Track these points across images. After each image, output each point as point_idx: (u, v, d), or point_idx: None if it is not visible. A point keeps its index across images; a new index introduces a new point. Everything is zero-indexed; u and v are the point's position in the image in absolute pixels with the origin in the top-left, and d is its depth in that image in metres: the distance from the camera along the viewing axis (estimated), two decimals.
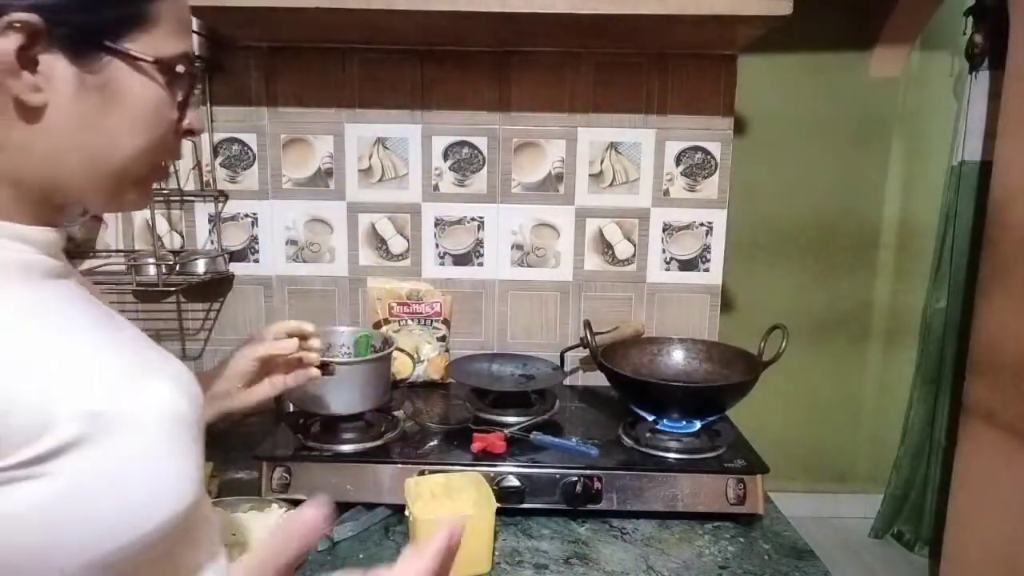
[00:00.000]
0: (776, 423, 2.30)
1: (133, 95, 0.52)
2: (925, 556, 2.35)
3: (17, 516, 0.44)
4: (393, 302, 1.38)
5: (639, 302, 1.45)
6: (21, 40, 0.47)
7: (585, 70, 1.37)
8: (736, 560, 0.91)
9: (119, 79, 0.51)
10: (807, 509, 2.42)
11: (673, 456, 1.04)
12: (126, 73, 0.51)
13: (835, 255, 2.47)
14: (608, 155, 1.40)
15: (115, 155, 0.53)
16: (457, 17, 1.10)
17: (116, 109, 0.51)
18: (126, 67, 0.51)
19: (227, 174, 1.40)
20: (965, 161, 2.20)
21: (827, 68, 2.34)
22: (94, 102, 0.51)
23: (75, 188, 0.53)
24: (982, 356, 1.80)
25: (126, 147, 0.53)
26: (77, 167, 0.52)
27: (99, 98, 0.51)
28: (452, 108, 1.39)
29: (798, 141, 2.38)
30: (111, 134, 0.52)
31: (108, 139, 0.52)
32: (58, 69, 0.49)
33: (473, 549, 0.84)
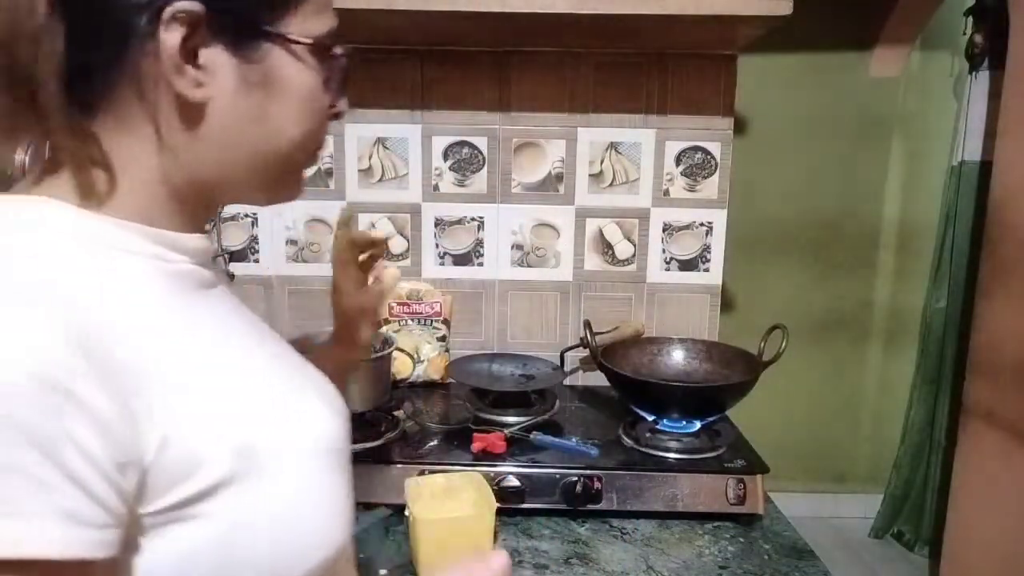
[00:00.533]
0: (776, 423, 2.29)
1: (292, 82, 0.48)
2: (925, 556, 2.34)
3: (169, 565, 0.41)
4: (393, 302, 1.38)
5: (639, 302, 1.45)
6: (184, 32, 0.44)
7: (585, 70, 1.37)
8: (736, 560, 0.91)
9: (278, 67, 0.48)
10: (807, 509, 2.41)
11: (673, 456, 1.04)
12: (284, 60, 0.48)
13: (835, 255, 2.46)
14: (608, 155, 1.40)
15: (279, 148, 0.50)
16: (457, 17, 1.10)
17: (277, 99, 0.48)
18: (284, 53, 0.48)
19: None
20: (965, 161, 2.20)
21: (827, 68, 2.33)
22: (255, 94, 0.47)
23: (238, 185, 0.50)
24: (982, 356, 1.80)
25: (289, 138, 0.50)
26: (242, 164, 0.49)
27: (260, 89, 0.47)
28: (452, 108, 1.39)
29: (798, 141, 2.38)
30: (274, 126, 0.49)
31: (272, 132, 0.49)
32: (219, 61, 0.46)
33: (473, 549, 0.84)
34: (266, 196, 0.54)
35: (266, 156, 0.49)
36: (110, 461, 0.36)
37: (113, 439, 0.37)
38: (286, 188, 0.54)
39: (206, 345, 0.47)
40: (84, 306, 0.39)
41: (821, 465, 2.59)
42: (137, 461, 0.38)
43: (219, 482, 0.42)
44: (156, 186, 0.47)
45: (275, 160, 0.50)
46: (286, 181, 0.53)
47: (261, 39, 0.47)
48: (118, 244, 0.45)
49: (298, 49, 0.48)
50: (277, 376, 0.52)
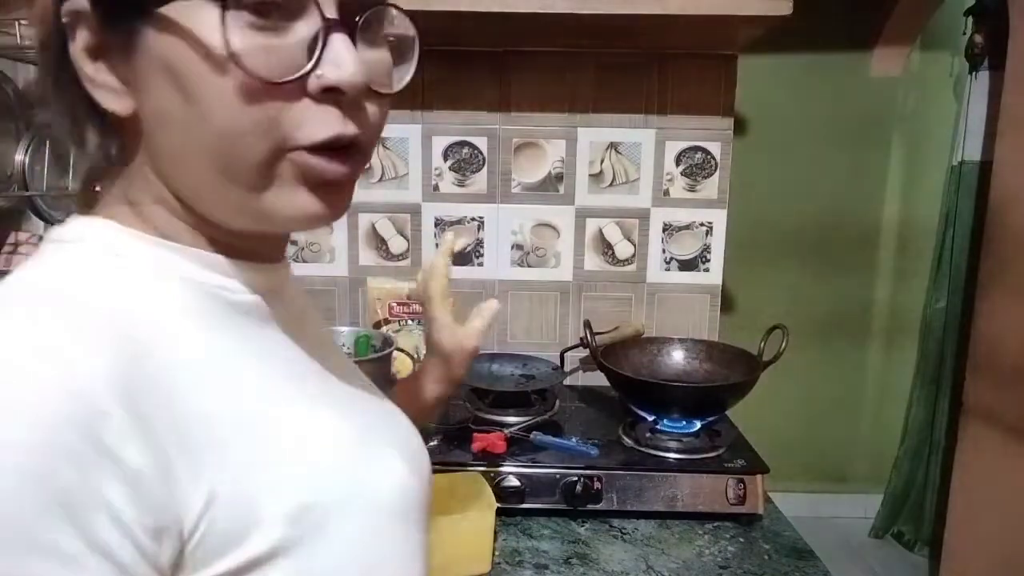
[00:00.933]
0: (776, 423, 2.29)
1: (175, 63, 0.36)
2: (925, 556, 2.34)
3: None
4: (393, 302, 1.38)
5: (639, 302, 1.45)
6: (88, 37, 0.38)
7: (585, 70, 1.37)
8: (736, 560, 0.91)
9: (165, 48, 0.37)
10: (807, 509, 2.41)
11: (673, 456, 1.04)
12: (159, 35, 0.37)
13: (835, 255, 2.47)
14: (608, 155, 1.40)
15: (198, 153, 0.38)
16: (457, 17, 1.10)
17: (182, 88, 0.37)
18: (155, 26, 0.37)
19: None
20: (965, 161, 2.20)
21: (827, 68, 2.33)
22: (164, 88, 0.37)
23: (202, 200, 0.41)
24: (982, 356, 1.80)
25: (200, 140, 0.37)
26: (203, 178, 0.39)
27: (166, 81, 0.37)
28: (452, 108, 1.39)
29: (798, 141, 2.38)
30: (181, 127, 0.38)
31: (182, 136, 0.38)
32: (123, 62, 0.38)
33: (473, 549, 0.84)
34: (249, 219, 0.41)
35: (199, 168, 0.39)
36: (144, 527, 0.32)
37: (149, 501, 0.32)
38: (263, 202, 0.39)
39: (264, 391, 0.41)
40: (130, 342, 0.35)
41: (821, 465, 2.59)
42: (176, 525, 0.34)
43: (273, 550, 0.37)
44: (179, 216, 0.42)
45: (210, 171, 0.38)
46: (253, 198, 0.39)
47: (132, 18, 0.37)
48: (171, 271, 0.41)
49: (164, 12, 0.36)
50: (347, 426, 0.46)
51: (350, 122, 0.39)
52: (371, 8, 0.40)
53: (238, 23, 0.35)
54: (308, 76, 0.37)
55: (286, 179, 0.39)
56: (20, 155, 1.22)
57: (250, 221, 0.41)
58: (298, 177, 0.39)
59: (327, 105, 0.38)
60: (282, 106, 0.37)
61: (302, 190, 0.39)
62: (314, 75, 0.37)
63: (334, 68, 0.37)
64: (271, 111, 0.37)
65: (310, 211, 0.40)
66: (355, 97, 0.38)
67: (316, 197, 0.40)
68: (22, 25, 1.21)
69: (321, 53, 0.36)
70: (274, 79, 0.36)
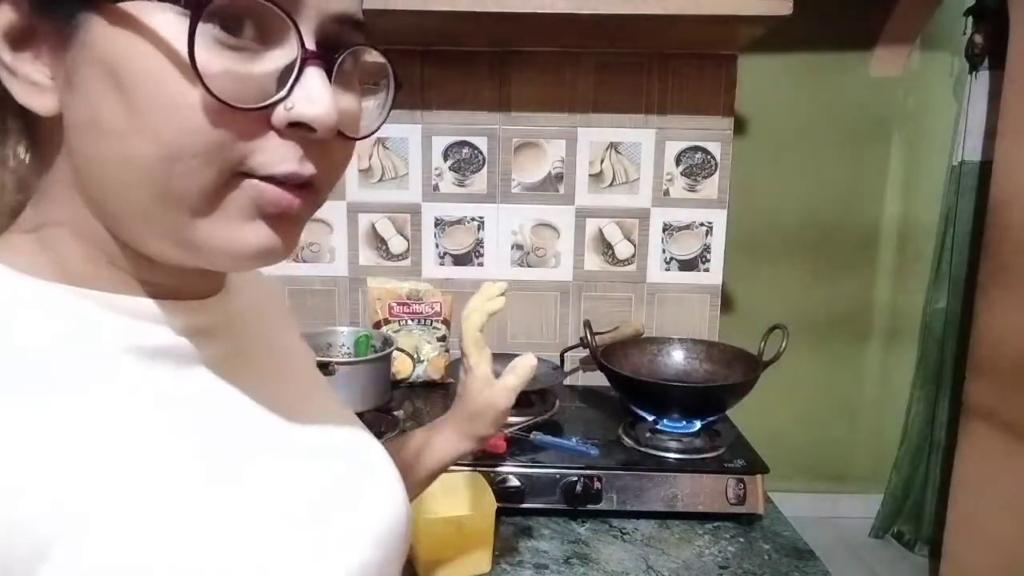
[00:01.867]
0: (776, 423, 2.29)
1: (123, 66, 0.31)
2: (925, 556, 2.34)
3: None
4: (393, 302, 1.38)
5: (639, 302, 1.45)
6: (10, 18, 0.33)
7: (585, 70, 1.37)
8: (736, 560, 0.91)
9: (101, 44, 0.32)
10: (807, 509, 2.41)
11: (673, 456, 1.04)
12: (108, 31, 0.31)
13: (835, 255, 2.46)
14: (608, 155, 1.40)
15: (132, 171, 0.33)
16: (457, 17, 1.10)
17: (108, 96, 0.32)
18: (105, 21, 0.31)
19: None
20: (965, 161, 2.20)
21: (827, 68, 2.33)
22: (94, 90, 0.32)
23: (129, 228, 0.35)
24: (982, 356, 1.80)
25: (138, 157, 0.32)
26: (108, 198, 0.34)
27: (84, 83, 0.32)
28: (452, 108, 1.39)
29: (798, 141, 2.38)
30: (116, 138, 0.32)
31: (116, 148, 0.33)
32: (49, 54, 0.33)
33: (473, 549, 0.84)
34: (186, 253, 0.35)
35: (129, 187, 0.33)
36: None
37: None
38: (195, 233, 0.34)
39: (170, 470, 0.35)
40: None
41: (821, 465, 2.59)
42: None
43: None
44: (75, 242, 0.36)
45: (144, 193, 0.33)
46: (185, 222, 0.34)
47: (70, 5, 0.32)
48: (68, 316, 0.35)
49: (124, 7, 0.31)
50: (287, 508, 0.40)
51: (308, 162, 0.35)
52: (352, 47, 0.37)
53: (206, 37, 0.31)
54: (275, 106, 0.33)
55: (234, 208, 0.34)
56: None
57: (184, 254, 0.35)
58: (248, 206, 0.34)
59: (290, 140, 0.34)
60: (241, 133, 0.33)
61: (253, 220, 0.35)
62: (283, 106, 0.33)
63: (307, 103, 0.33)
64: (228, 136, 0.32)
65: (261, 243, 0.35)
66: (326, 137, 0.35)
67: (270, 228, 0.35)
68: None
69: (294, 84, 0.33)
70: (240, 104, 0.32)
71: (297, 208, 0.36)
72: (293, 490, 0.41)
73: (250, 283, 0.50)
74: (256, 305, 0.50)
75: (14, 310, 0.34)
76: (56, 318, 0.35)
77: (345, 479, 0.46)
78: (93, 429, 0.33)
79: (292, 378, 0.50)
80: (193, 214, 0.33)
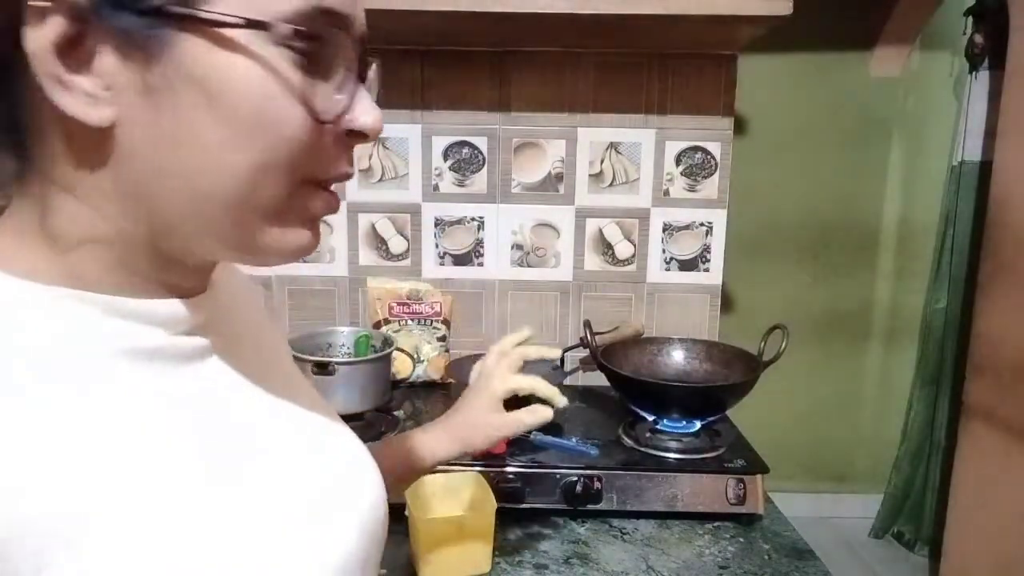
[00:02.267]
0: (776, 423, 2.30)
1: (220, 84, 0.34)
2: (925, 556, 2.34)
3: None
4: (393, 302, 1.38)
5: (639, 302, 1.45)
6: (60, 27, 0.32)
7: (585, 70, 1.37)
8: (736, 560, 0.91)
9: (193, 62, 0.33)
10: (807, 509, 2.42)
11: (673, 456, 1.04)
12: (200, 50, 0.33)
13: (835, 255, 2.46)
14: (608, 155, 1.40)
15: (221, 184, 0.35)
16: (457, 17, 1.10)
17: (200, 111, 0.34)
18: (199, 40, 0.33)
19: None
20: (965, 161, 2.20)
21: (827, 68, 2.33)
22: (168, 105, 0.34)
23: (184, 233, 0.37)
24: (982, 356, 1.80)
25: (229, 167, 0.35)
26: (180, 211, 0.36)
27: (173, 98, 0.33)
28: (452, 108, 1.39)
29: (798, 141, 2.38)
30: (203, 150, 0.34)
31: (202, 159, 0.34)
32: (115, 65, 0.33)
33: (473, 549, 0.84)
34: (231, 250, 0.38)
35: (208, 197, 0.35)
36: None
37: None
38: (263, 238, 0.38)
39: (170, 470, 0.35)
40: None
41: (821, 465, 2.59)
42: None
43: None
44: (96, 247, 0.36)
45: (222, 202, 0.35)
46: (258, 228, 0.37)
47: (161, 23, 0.33)
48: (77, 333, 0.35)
49: (228, 33, 0.33)
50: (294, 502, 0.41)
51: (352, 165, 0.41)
52: (371, 64, 0.42)
53: (291, 60, 0.35)
54: (342, 118, 0.38)
55: (297, 213, 0.39)
56: None
57: (236, 255, 0.39)
58: (307, 210, 0.39)
59: (342, 147, 0.39)
60: (316, 142, 0.37)
61: (302, 227, 0.39)
62: (346, 118, 0.38)
63: (364, 114, 0.39)
64: (307, 146, 0.37)
65: (302, 242, 0.40)
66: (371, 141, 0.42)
67: (311, 231, 0.40)
68: None
69: (353, 99, 0.38)
70: (322, 117, 0.36)
71: (335, 211, 0.41)
72: (293, 489, 0.42)
73: (228, 274, 0.51)
74: (235, 297, 0.51)
75: (14, 311, 0.34)
76: (55, 319, 0.35)
77: (344, 479, 0.47)
78: (93, 429, 0.33)
79: (279, 373, 0.51)
80: (264, 221, 0.37)
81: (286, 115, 0.35)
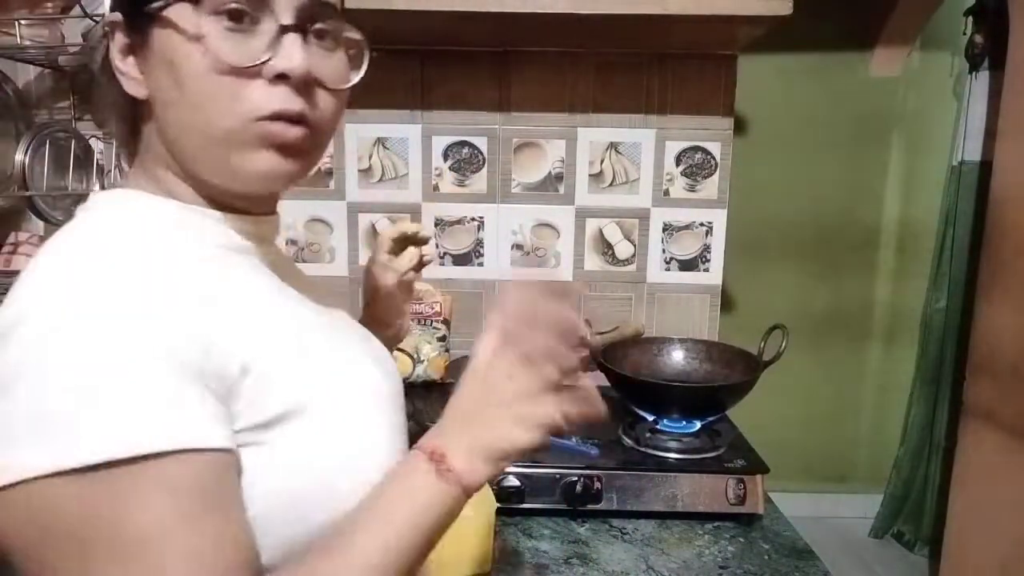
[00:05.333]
0: (776, 423, 2.29)
1: (178, 54, 0.47)
2: (925, 556, 2.34)
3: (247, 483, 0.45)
4: None
5: (639, 302, 1.45)
6: (122, 37, 0.50)
7: (585, 70, 1.37)
8: (736, 560, 0.91)
9: (166, 44, 0.48)
10: (807, 509, 2.42)
11: (673, 456, 1.04)
12: (167, 34, 0.48)
13: (835, 255, 2.47)
14: (608, 155, 1.40)
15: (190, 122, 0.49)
16: (457, 17, 1.10)
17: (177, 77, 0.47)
18: (165, 29, 0.48)
19: None
20: (965, 161, 2.20)
21: (827, 68, 2.33)
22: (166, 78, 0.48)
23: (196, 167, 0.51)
24: (982, 356, 1.80)
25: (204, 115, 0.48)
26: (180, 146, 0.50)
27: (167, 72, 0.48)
28: (452, 108, 1.39)
29: (798, 141, 2.38)
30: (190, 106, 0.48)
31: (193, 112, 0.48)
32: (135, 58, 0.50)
33: (473, 549, 0.84)
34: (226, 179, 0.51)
35: (190, 135, 0.49)
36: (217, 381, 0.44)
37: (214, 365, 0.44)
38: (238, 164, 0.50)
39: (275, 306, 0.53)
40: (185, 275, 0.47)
41: (821, 465, 2.59)
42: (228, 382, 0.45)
43: (284, 414, 0.47)
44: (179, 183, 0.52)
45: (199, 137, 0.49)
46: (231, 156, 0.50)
47: (146, 24, 0.48)
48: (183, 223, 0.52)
49: (171, 17, 0.47)
50: (336, 340, 0.57)
51: (298, 99, 0.49)
52: (322, 19, 0.51)
53: (217, 25, 0.47)
54: (264, 64, 0.47)
55: (250, 142, 0.49)
56: (20, 155, 1.22)
57: (228, 180, 0.51)
58: (261, 140, 0.49)
59: (279, 86, 0.48)
60: (244, 83, 0.48)
61: (266, 152, 0.49)
62: (269, 64, 0.48)
63: (284, 60, 0.48)
64: (236, 87, 0.47)
65: (273, 168, 0.50)
66: (301, 82, 0.49)
67: (279, 156, 0.50)
68: (22, 25, 1.21)
69: (276, 48, 0.48)
70: (238, 64, 0.47)
71: (295, 137, 0.50)
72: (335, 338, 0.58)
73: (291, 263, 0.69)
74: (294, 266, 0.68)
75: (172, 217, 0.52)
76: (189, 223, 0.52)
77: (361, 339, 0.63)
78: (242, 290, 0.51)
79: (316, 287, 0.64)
80: (227, 150, 0.49)
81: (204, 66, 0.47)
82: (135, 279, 0.44)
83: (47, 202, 1.27)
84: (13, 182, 1.23)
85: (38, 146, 1.24)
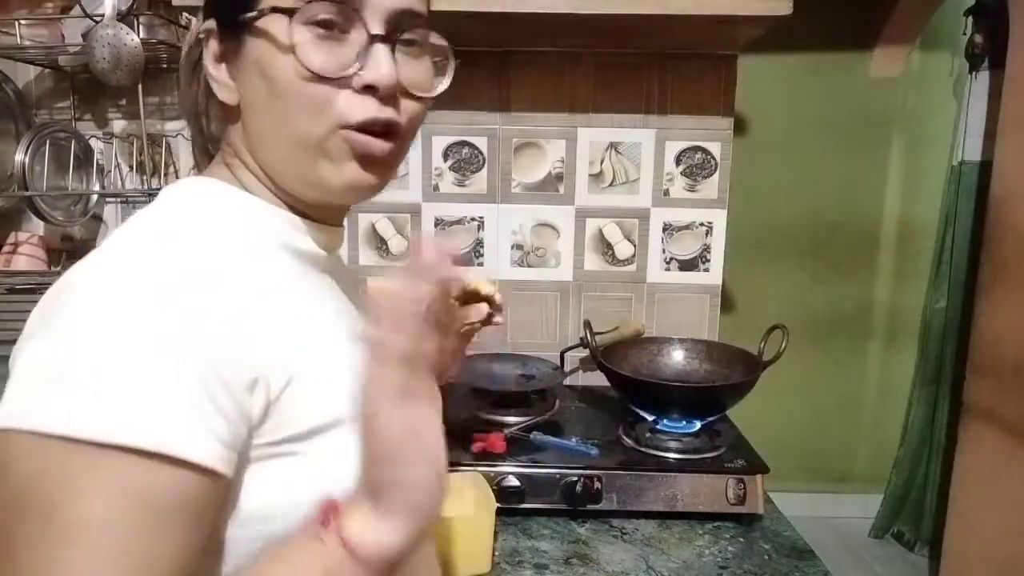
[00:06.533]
0: (776, 423, 2.30)
1: (268, 63, 0.48)
2: (925, 556, 2.35)
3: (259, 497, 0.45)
4: None
5: (639, 302, 1.45)
6: (216, 45, 0.51)
7: (585, 70, 1.37)
8: (736, 560, 0.91)
9: (256, 53, 0.49)
10: (807, 509, 2.42)
11: (673, 456, 1.04)
12: (258, 43, 0.49)
13: (835, 255, 2.47)
14: (608, 155, 1.40)
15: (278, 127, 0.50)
16: (457, 17, 1.10)
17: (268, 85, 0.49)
18: (257, 38, 0.49)
19: None
20: (965, 161, 2.20)
21: (827, 68, 2.34)
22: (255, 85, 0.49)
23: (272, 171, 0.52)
24: (982, 356, 1.80)
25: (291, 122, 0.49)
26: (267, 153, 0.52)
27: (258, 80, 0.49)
28: (452, 108, 1.39)
29: (798, 141, 2.38)
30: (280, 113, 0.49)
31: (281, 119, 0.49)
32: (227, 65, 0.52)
33: (473, 549, 0.84)
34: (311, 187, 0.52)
35: (276, 141, 0.50)
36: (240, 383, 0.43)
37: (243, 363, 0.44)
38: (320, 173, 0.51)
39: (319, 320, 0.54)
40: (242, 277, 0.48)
41: (821, 465, 2.59)
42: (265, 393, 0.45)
43: (321, 426, 0.47)
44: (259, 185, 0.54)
45: (285, 144, 0.50)
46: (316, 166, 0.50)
47: (240, 32, 0.50)
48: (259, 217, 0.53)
49: (264, 27, 0.48)
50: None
51: (387, 108, 0.50)
52: (411, 28, 0.52)
53: (308, 35, 0.47)
54: (353, 75, 0.48)
55: (336, 153, 0.50)
56: (20, 155, 1.22)
57: (310, 188, 0.52)
58: (346, 151, 0.50)
59: (367, 96, 0.49)
60: (334, 92, 0.48)
61: (350, 163, 0.50)
62: (358, 75, 0.48)
63: (373, 71, 0.48)
64: (325, 96, 0.48)
65: (357, 180, 0.51)
66: (390, 93, 0.49)
67: (362, 168, 0.51)
68: (22, 25, 1.21)
69: (365, 58, 0.48)
70: (327, 74, 0.48)
71: (382, 150, 0.51)
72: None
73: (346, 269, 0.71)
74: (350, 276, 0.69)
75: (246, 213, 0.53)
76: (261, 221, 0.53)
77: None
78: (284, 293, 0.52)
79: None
80: (313, 158, 0.50)
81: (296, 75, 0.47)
82: (192, 273, 0.45)
83: (47, 202, 1.27)
84: (13, 182, 1.23)
85: (38, 146, 1.24)
